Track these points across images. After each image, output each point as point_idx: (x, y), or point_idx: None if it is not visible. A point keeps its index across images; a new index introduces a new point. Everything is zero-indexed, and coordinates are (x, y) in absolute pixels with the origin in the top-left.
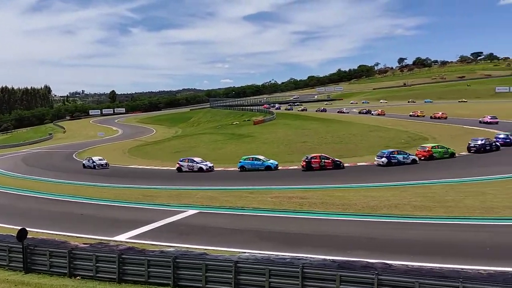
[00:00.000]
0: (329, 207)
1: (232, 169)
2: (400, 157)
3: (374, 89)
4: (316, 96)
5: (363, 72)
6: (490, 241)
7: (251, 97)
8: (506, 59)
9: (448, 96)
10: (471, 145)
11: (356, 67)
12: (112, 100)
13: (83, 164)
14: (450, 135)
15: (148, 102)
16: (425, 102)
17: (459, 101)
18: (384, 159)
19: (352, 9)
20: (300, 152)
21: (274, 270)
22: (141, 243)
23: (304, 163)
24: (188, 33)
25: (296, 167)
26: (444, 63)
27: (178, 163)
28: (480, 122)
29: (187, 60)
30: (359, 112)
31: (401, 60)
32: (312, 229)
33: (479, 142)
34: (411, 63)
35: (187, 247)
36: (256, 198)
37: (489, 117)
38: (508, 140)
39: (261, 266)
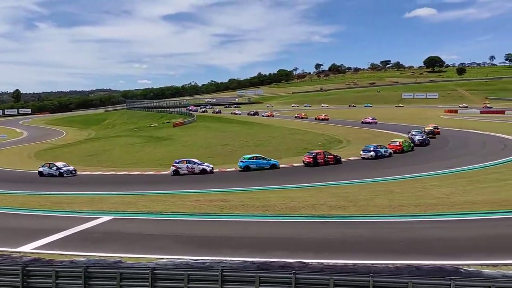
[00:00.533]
0: (249, 209)
1: (165, 172)
2: (382, 150)
3: (293, 93)
4: (237, 99)
5: (283, 76)
6: (397, 236)
7: (171, 99)
8: (410, 67)
9: (361, 101)
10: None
11: (276, 71)
12: (16, 100)
13: (40, 172)
14: (362, 137)
15: (57, 103)
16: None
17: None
18: (372, 153)
19: (271, 14)
20: (221, 155)
21: (193, 275)
22: (49, 253)
23: (311, 159)
24: (102, 31)
25: (229, 169)
26: (356, 70)
27: (174, 165)
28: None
29: (102, 59)
30: (248, 114)
31: (318, 66)
32: (232, 232)
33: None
34: (327, 69)
35: (101, 256)
36: (175, 202)
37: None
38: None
39: (179, 272)
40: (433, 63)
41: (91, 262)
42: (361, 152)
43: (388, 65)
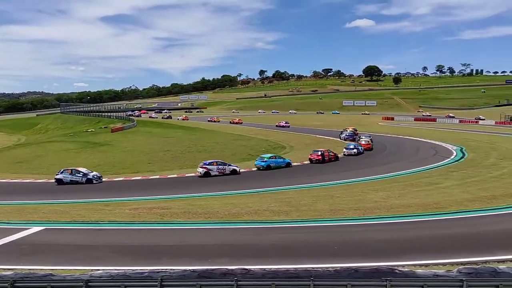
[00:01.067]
0: (191, 216)
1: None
2: (359, 147)
3: (237, 98)
4: (179, 104)
5: (227, 82)
6: (337, 240)
7: (109, 103)
8: (351, 76)
9: (303, 108)
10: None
11: (219, 77)
12: None
13: (59, 180)
14: (305, 143)
15: None
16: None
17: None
18: (355, 150)
19: (215, 19)
20: (162, 161)
21: (130, 285)
22: None
23: (319, 156)
24: (35, 31)
25: (170, 176)
26: (300, 77)
27: (204, 166)
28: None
29: (34, 60)
30: (162, 118)
31: (262, 72)
32: (174, 240)
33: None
34: (271, 75)
35: (30, 269)
36: (112, 210)
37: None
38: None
39: (115, 283)
40: (372, 72)
41: (19, 276)
42: (344, 150)
43: (329, 73)
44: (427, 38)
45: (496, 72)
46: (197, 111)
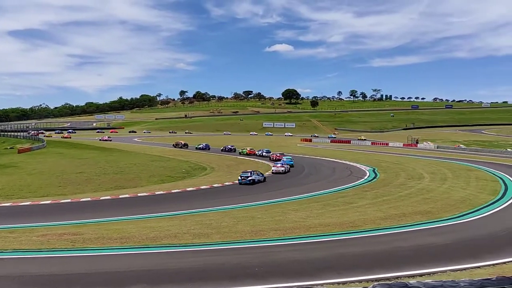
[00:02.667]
0: (106, 241)
1: (6, 204)
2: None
3: (156, 119)
4: (94, 124)
5: (146, 102)
6: (258, 261)
7: (16, 122)
8: (271, 98)
9: (224, 129)
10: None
11: (138, 96)
12: None
13: (244, 179)
14: (226, 164)
15: None
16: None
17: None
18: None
19: (133, 38)
20: (74, 183)
21: None
22: None
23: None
24: None
25: (83, 199)
26: (221, 98)
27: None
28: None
29: None
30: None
31: (182, 92)
32: (87, 268)
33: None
34: (192, 96)
35: None
36: (18, 238)
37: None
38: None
39: None
40: (290, 95)
41: None
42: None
43: (250, 95)
44: (341, 64)
45: (403, 98)
46: (111, 132)
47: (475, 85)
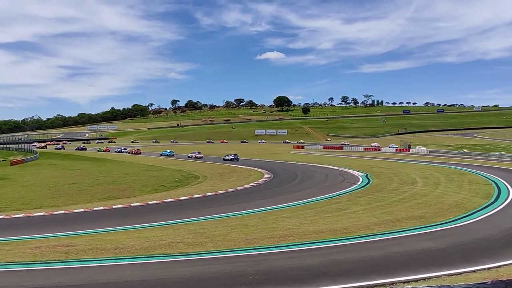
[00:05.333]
0: (100, 252)
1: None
2: None
3: (148, 128)
4: (87, 135)
5: (138, 112)
6: (252, 269)
7: (9, 134)
8: (262, 106)
9: (217, 137)
10: None
11: (130, 106)
12: None
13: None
14: (219, 173)
15: None
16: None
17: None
18: None
19: (124, 49)
20: (67, 195)
21: None
22: None
23: None
24: None
25: (76, 210)
26: (212, 107)
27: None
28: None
29: None
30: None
31: (174, 102)
32: (80, 279)
33: None
34: (184, 105)
35: None
36: (11, 250)
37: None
38: None
39: None
40: (282, 103)
41: None
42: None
43: (242, 103)
44: (331, 71)
45: (395, 103)
46: (108, 142)
47: (465, 89)
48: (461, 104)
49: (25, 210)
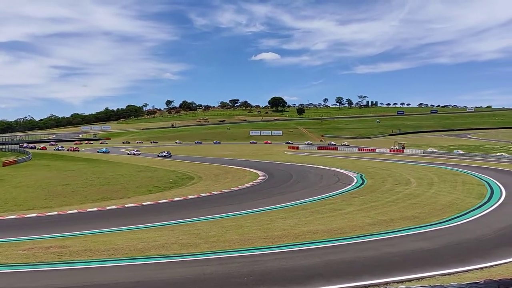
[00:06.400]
0: (93, 254)
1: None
2: None
3: (143, 129)
4: (80, 135)
5: (132, 112)
6: (247, 270)
7: (1, 135)
8: (257, 107)
9: (211, 138)
10: None
11: (124, 107)
12: None
13: None
14: (214, 173)
15: None
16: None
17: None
18: None
19: (118, 49)
20: (60, 196)
21: None
22: None
23: None
24: None
25: (70, 211)
26: (207, 107)
27: None
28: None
29: None
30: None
31: (169, 102)
32: (73, 281)
33: None
34: (178, 105)
35: None
36: (3, 252)
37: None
38: None
39: None
40: (277, 103)
41: None
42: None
43: (236, 104)
44: (325, 72)
45: (389, 104)
46: (101, 143)
47: (459, 90)
48: (455, 105)
49: (18, 211)
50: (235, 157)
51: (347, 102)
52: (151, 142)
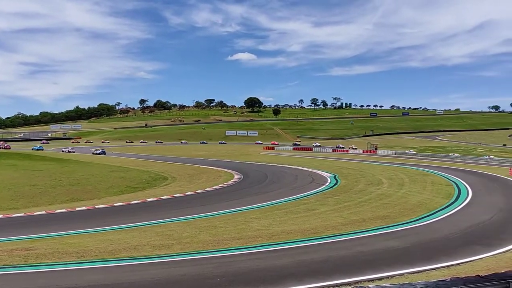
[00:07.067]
0: (61, 256)
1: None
2: None
3: (115, 128)
4: (49, 134)
5: (104, 111)
6: (220, 271)
7: None
8: (233, 107)
9: (186, 138)
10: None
11: (96, 105)
12: None
13: None
14: (188, 174)
15: None
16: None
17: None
18: None
19: (89, 46)
20: (28, 197)
21: None
22: None
23: None
24: None
25: (37, 212)
26: (182, 107)
27: None
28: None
29: None
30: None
31: (142, 101)
32: (41, 284)
33: None
34: (153, 105)
35: None
36: None
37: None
38: None
39: None
40: (253, 104)
41: None
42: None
43: (212, 104)
44: (301, 73)
45: (362, 106)
46: (72, 142)
47: (428, 93)
48: (425, 108)
49: None
50: (210, 157)
51: (322, 104)
52: (126, 142)
